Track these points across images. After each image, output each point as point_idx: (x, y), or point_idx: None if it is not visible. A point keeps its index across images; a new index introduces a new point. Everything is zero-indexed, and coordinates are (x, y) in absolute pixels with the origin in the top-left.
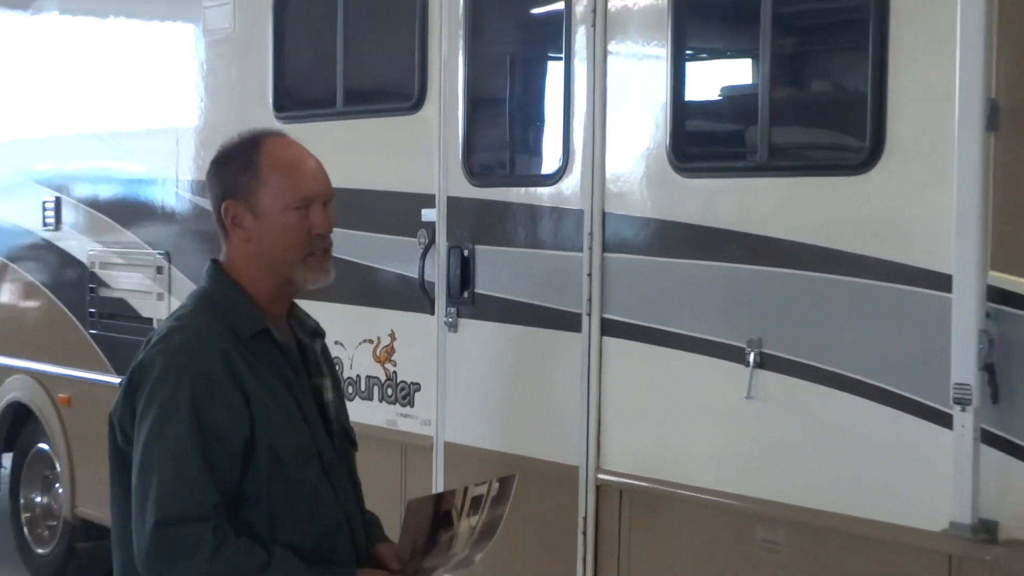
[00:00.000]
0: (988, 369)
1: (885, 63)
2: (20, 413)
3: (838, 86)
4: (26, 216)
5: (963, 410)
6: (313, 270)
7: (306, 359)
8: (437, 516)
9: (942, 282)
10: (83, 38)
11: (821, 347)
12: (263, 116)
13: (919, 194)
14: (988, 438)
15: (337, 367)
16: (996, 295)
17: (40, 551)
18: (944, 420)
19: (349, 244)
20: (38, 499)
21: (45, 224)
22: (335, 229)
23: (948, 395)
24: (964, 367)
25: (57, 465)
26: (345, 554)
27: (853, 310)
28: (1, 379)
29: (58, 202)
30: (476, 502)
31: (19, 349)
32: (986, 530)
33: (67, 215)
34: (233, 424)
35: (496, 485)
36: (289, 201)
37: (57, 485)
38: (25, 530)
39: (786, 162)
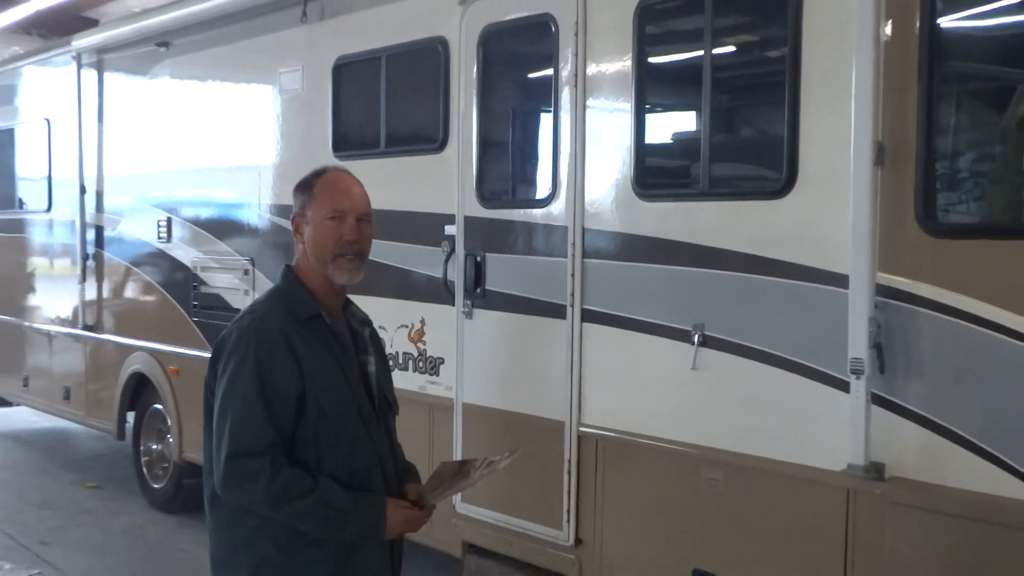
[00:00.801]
0: (876, 347)
1: (797, 114)
2: (141, 381)
3: (762, 132)
4: (145, 232)
5: (857, 378)
6: (340, 269)
7: (356, 341)
8: (459, 471)
9: (841, 280)
10: (187, 97)
11: (750, 330)
12: (324, 155)
13: (823, 214)
14: (876, 400)
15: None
16: (882, 290)
17: (155, 486)
18: (843, 386)
19: (390, 252)
20: (154, 447)
21: (159, 238)
22: (382, 241)
23: (846, 367)
24: (858, 345)
25: (168, 420)
26: (376, 487)
27: (774, 302)
28: (126, 355)
29: (169, 221)
30: (490, 464)
31: (140, 332)
32: (875, 470)
33: (176, 231)
34: (288, 382)
35: (508, 456)
36: (327, 212)
37: (168, 436)
38: (144, 470)
39: (722, 189)
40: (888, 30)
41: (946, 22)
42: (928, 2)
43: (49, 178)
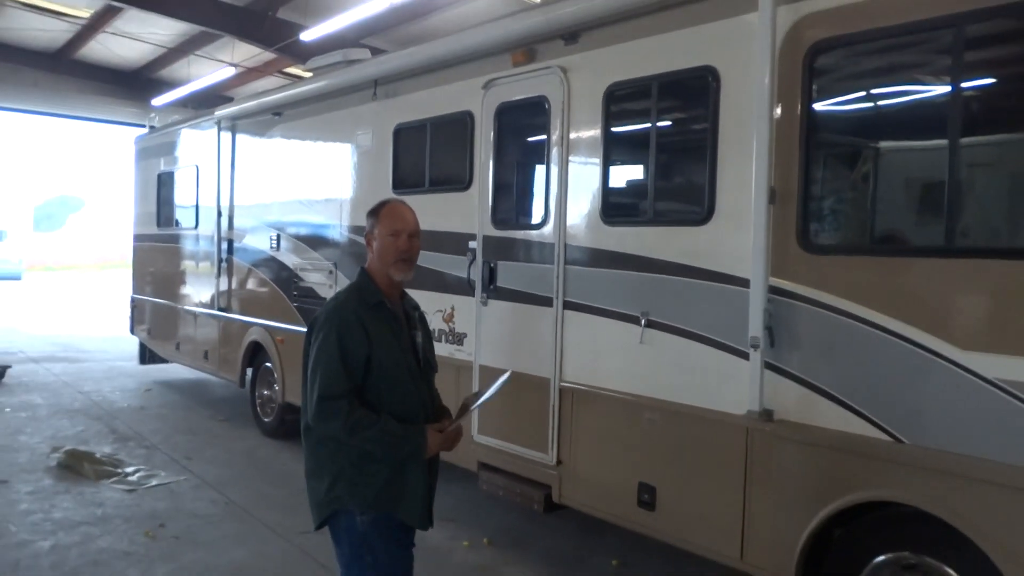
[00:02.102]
0: (768, 329)
1: (716, 167)
2: (257, 347)
3: (691, 179)
4: (262, 243)
5: (755, 350)
6: (398, 270)
7: (408, 321)
8: (476, 396)
9: (744, 282)
10: (293, 150)
11: (680, 316)
12: (387, 191)
13: (733, 236)
14: (768, 366)
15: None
16: (772, 289)
17: (266, 420)
18: (744, 356)
19: (431, 259)
20: (265, 392)
21: (271, 248)
22: (427, 252)
23: (747, 342)
24: (756, 327)
25: (275, 374)
26: (420, 423)
27: (698, 296)
28: (246, 329)
29: (279, 236)
30: (495, 382)
31: (257, 313)
32: (766, 415)
33: (283, 243)
34: (360, 348)
35: (508, 374)
36: (388, 231)
37: (275, 385)
38: (258, 409)
39: (662, 219)
40: (778, 111)
41: (818, 106)
42: (806, 92)
43: (197, 206)
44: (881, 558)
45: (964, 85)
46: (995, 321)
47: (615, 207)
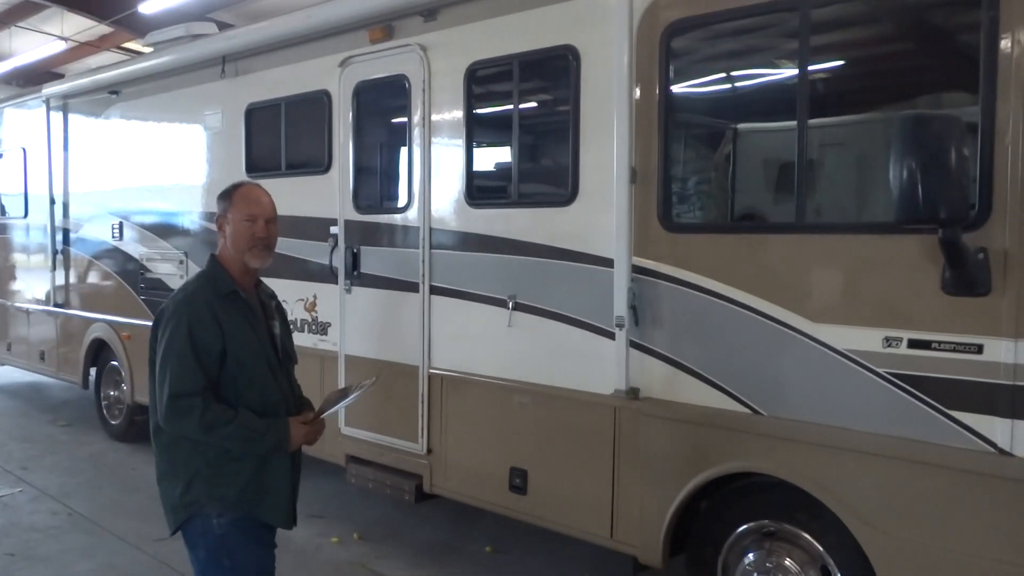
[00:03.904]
0: (633, 308)
1: (579, 149)
2: (100, 344)
3: (555, 161)
4: (103, 233)
5: (620, 330)
6: (254, 256)
7: (264, 310)
8: (341, 394)
9: (608, 262)
10: (134, 132)
11: (548, 298)
12: (239, 175)
13: (597, 217)
14: (633, 345)
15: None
16: (636, 269)
17: (113, 422)
18: (610, 335)
19: (290, 246)
20: (111, 393)
21: (113, 237)
22: (285, 238)
23: (612, 322)
24: (620, 307)
25: (123, 373)
26: (281, 416)
27: (564, 277)
28: (88, 325)
29: (121, 224)
30: (361, 386)
31: (99, 308)
32: (633, 393)
33: (127, 232)
34: (213, 341)
35: (373, 380)
36: (242, 215)
37: (123, 384)
38: (104, 411)
39: (527, 200)
40: (637, 93)
41: (676, 88)
42: (664, 74)
43: (25, 193)
44: (744, 527)
45: (811, 67)
46: (845, 294)
47: (480, 189)
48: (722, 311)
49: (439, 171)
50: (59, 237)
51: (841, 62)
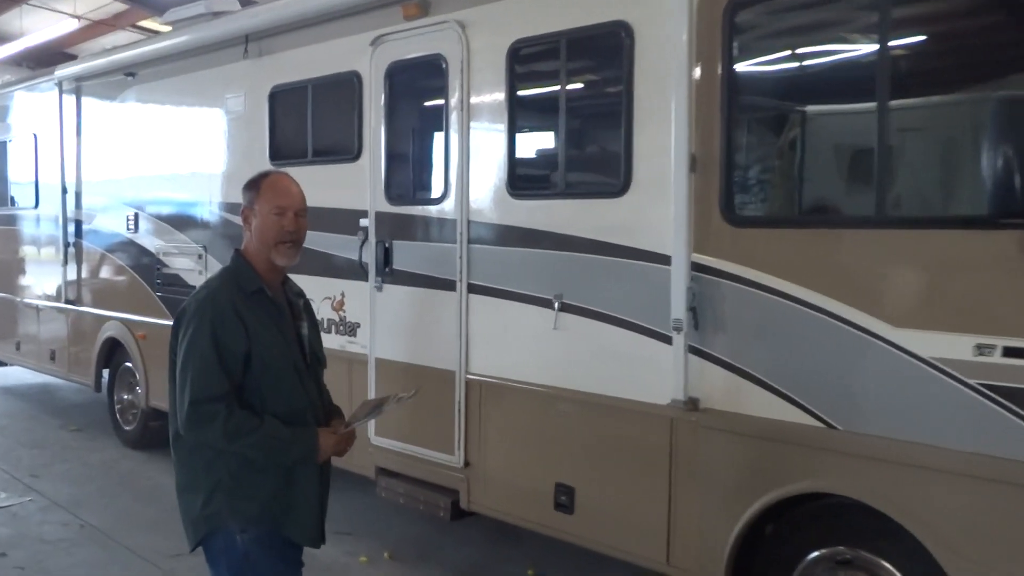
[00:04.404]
0: (692, 310)
1: (632, 134)
2: (114, 344)
3: (604, 148)
4: (117, 225)
5: (678, 334)
6: (281, 253)
7: (292, 310)
8: (375, 405)
9: (665, 259)
10: (150, 116)
11: (597, 298)
12: (262, 162)
13: (652, 209)
14: (692, 350)
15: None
16: (695, 267)
17: (127, 428)
18: (667, 339)
19: (317, 240)
20: (125, 396)
21: (128, 229)
22: (312, 232)
23: (669, 325)
24: (678, 308)
25: (137, 375)
26: (309, 424)
27: (615, 275)
28: (101, 323)
29: (136, 216)
30: (399, 399)
31: (112, 305)
32: (692, 403)
33: (143, 224)
34: (237, 342)
35: (412, 393)
36: (271, 208)
37: (137, 387)
38: (117, 416)
39: (575, 191)
40: (697, 72)
41: (740, 66)
42: (727, 51)
43: (36, 182)
44: (815, 554)
45: (893, 43)
46: (930, 296)
47: (523, 179)
48: (792, 314)
49: (478, 159)
50: (71, 229)
51: (927, 36)
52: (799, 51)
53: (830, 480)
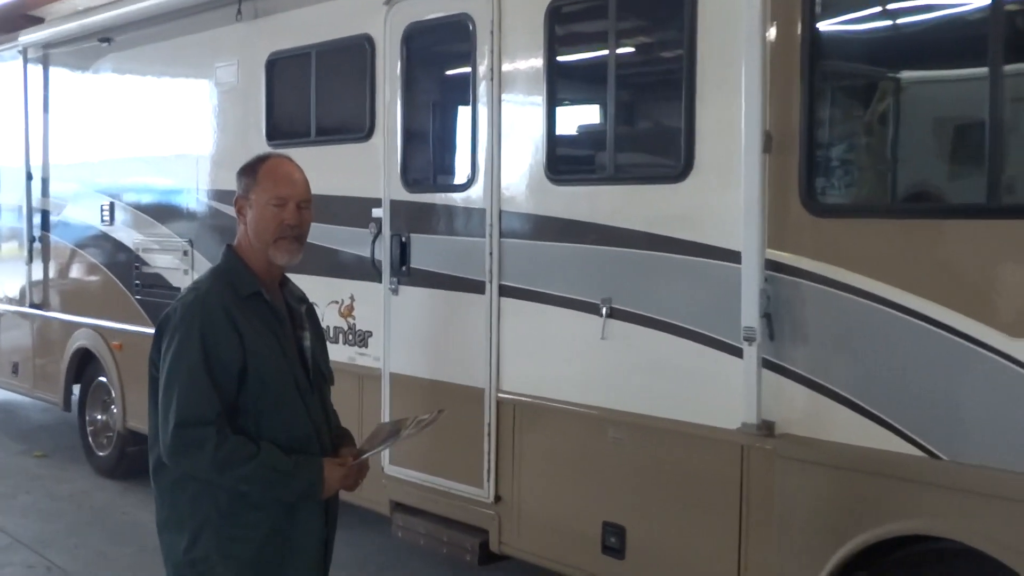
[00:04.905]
0: (766, 317)
1: (693, 107)
2: (85, 355)
3: (661, 124)
4: (89, 216)
5: (750, 345)
6: (281, 251)
7: (293, 317)
8: (392, 430)
9: (734, 256)
10: (129, 89)
11: (653, 302)
12: (258, 143)
13: (717, 196)
14: (767, 364)
15: None
16: (771, 265)
17: (100, 454)
18: (737, 352)
19: (321, 233)
20: (99, 417)
21: (103, 221)
22: (316, 224)
23: (739, 334)
24: (750, 315)
25: (112, 392)
26: (313, 452)
27: (674, 275)
28: (71, 331)
29: (112, 206)
30: (419, 421)
31: (84, 310)
32: (766, 428)
33: (119, 215)
34: (231, 355)
35: (435, 415)
36: (269, 198)
37: (112, 406)
38: (89, 439)
39: (626, 175)
40: (773, 33)
41: (824, 26)
42: (808, 7)
43: None
44: None
45: None
46: None
47: (565, 161)
48: (887, 321)
49: (511, 137)
50: (36, 221)
51: None
52: (894, 6)
53: (933, 520)
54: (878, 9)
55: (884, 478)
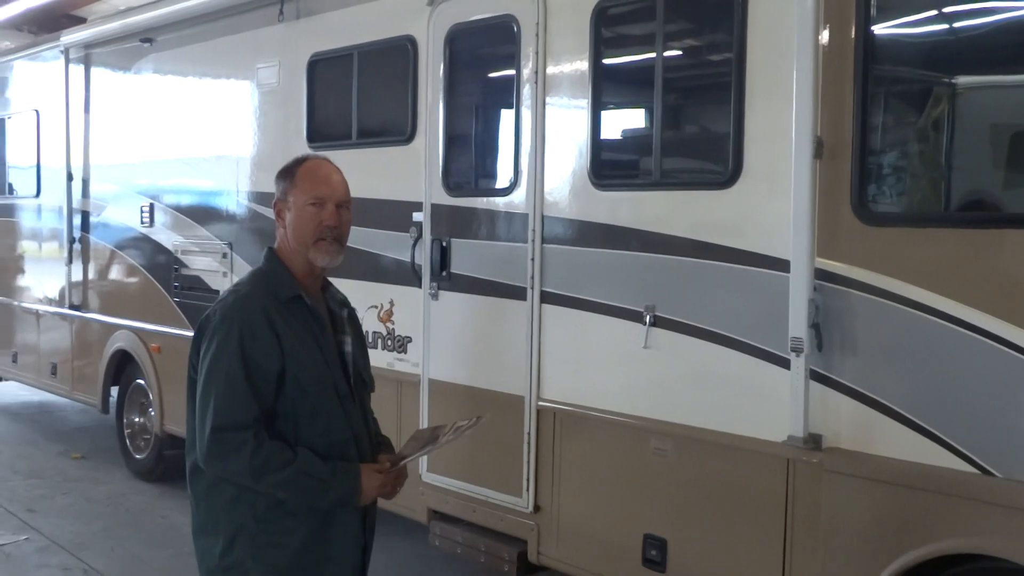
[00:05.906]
0: (815, 327)
1: (742, 112)
2: (124, 358)
3: (709, 128)
4: (129, 217)
5: (797, 356)
6: (321, 252)
7: (334, 322)
8: (431, 436)
9: (782, 265)
10: (170, 90)
11: (697, 311)
12: (299, 145)
13: (766, 203)
14: (815, 376)
15: None
16: (820, 274)
17: (138, 457)
18: (784, 363)
19: (361, 237)
20: (137, 419)
21: (143, 223)
22: (356, 227)
23: (787, 345)
24: (798, 325)
25: (150, 395)
26: (351, 459)
27: (720, 284)
28: (110, 333)
29: (152, 207)
30: (458, 428)
31: (123, 311)
32: (813, 441)
33: (159, 217)
34: (269, 359)
35: (475, 421)
36: (308, 199)
37: (150, 409)
38: (127, 442)
39: (672, 180)
40: (826, 36)
41: (879, 29)
42: (862, 11)
43: (38, 166)
44: None
45: None
46: None
47: (609, 165)
48: (939, 333)
49: (555, 141)
50: (77, 222)
51: None
52: (951, 9)
53: (986, 539)
54: (934, 12)
55: (935, 494)
